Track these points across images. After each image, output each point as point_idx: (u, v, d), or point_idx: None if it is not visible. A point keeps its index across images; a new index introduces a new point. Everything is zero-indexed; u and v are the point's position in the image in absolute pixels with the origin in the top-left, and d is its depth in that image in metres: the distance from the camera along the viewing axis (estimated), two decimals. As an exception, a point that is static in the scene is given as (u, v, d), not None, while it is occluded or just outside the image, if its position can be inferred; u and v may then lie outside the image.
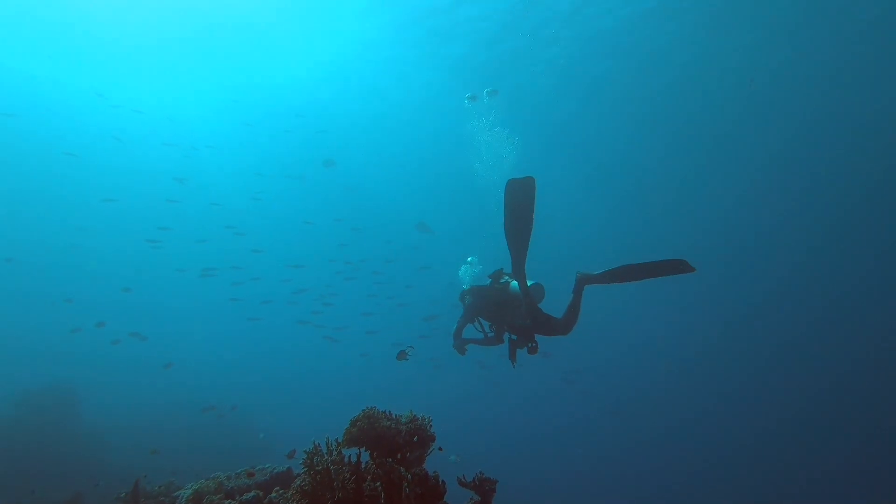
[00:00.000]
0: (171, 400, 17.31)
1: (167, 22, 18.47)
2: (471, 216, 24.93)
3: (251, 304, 22.73)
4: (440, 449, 3.76)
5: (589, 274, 5.19)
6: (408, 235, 28.67)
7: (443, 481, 3.57)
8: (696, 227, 27.28)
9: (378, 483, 3.31)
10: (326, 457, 3.39)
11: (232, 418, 15.52)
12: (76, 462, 10.80)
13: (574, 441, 31.54)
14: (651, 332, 34.66)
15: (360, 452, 3.63)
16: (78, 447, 11.62)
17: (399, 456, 3.59)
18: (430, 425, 3.83)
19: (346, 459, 3.60)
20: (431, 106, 20.70)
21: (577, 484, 24.71)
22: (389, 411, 3.71)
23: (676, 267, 4.81)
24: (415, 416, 3.77)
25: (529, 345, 5.70)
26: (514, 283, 5.68)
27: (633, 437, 30.45)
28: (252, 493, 3.86)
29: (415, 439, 3.82)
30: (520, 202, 5.02)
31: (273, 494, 3.95)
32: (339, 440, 3.61)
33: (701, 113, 19.45)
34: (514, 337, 5.85)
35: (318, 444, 3.45)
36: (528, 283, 5.47)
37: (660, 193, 25.25)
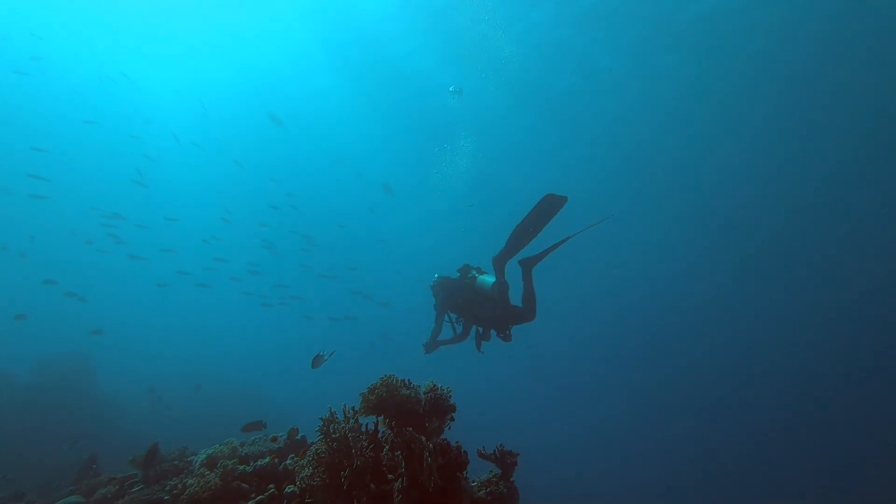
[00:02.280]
0: (181, 372, 17.46)
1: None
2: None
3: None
4: (451, 420, 3.63)
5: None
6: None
7: (464, 452, 3.44)
8: (693, 228, 26.83)
9: (398, 452, 3.19)
10: (343, 424, 3.27)
11: (245, 391, 15.78)
12: (92, 426, 10.99)
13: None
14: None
15: (377, 421, 3.51)
16: (94, 412, 11.84)
17: (419, 426, 3.45)
18: (450, 396, 3.69)
19: (364, 428, 3.50)
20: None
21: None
22: (408, 380, 3.57)
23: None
24: (435, 385, 3.63)
25: (502, 334, 6.00)
26: (481, 278, 5.96)
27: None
28: (267, 459, 3.77)
29: (444, 408, 3.69)
30: (545, 213, 5.52)
31: (288, 461, 3.86)
32: (356, 408, 3.49)
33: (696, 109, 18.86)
34: (480, 330, 6.19)
35: (335, 411, 3.34)
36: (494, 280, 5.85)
37: (658, 194, 24.71)
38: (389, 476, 3.36)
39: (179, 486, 3.42)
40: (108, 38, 21.40)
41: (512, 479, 3.91)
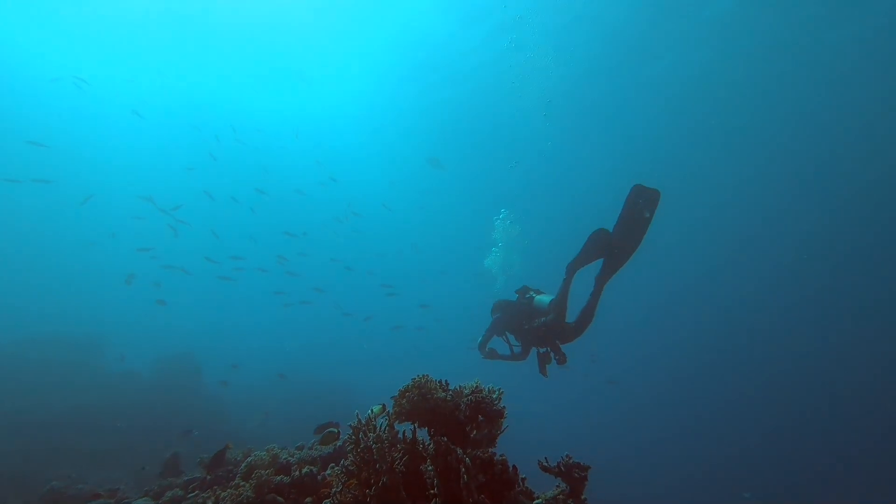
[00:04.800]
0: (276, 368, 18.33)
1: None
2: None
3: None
4: (501, 428, 3.07)
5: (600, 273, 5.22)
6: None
7: (513, 467, 2.87)
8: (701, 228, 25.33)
9: (430, 467, 2.71)
10: (371, 434, 2.85)
11: (330, 387, 16.50)
12: (199, 420, 11.89)
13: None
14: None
15: (414, 429, 3.06)
16: (200, 407, 12.84)
17: (459, 434, 2.93)
18: (500, 399, 3.12)
19: (401, 436, 3.07)
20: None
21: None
22: (445, 381, 3.06)
23: (641, 195, 4.82)
24: (479, 386, 3.09)
25: (557, 357, 5.73)
26: (538, 298, 5.90)
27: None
28: (306, 469, 3.47)
29: (490, 414, 3.16)
30: (640, 212, 4.97)
31: (328, 471, 3.54)
32: (390, 413, 3.07)
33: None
34: (541, 351, 5.91)
35: (361, 417, 2.93)
36: (551, 298, 5.70)
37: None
38: (431, 492, 2.91)
39: (212, 499, 3.22)
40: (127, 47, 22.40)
41: (583, 496, 3.26)
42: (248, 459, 3.62)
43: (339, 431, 3.95)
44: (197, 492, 4.18)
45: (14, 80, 23.48)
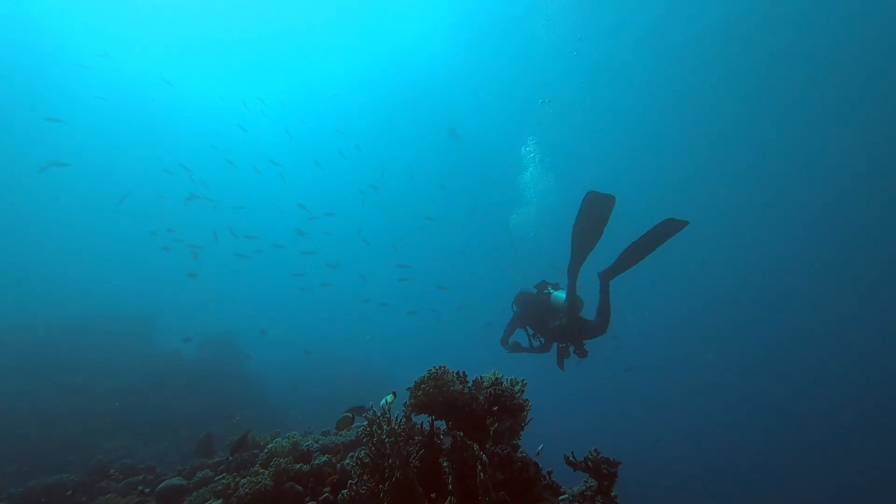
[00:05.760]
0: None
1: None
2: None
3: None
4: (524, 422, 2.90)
5: (606, 269, 5.30)
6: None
7: (535, 464, 2.70)
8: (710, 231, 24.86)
9: (445, 462, 2.58)
10: (385, 426, 2.74)
11: (365, 367, 16.76)
12: (238, 400, 12.30)
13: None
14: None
15: (431, 422, 2.93)
16: (239, 388, 13.28)
17: (477, 428, 2.78)
18: (522, 391, 2.94)
19: (419, 428, 2.95)
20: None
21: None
22: (463, 373, 2.90)
23: (671, 227, 4.88)
24: (498, 378, 2.92)
25: (577, 351, 5.85)
26: (556, 293, 6.01)
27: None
28: (325, 458, 3.42)
29: (510, 407, 3.00)
30: (595, 215, 5.23)
31: (347, 461, 3.48)
32: (406, 404, 2.96)
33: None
34: (561, 345, 6.03)
35: (376, 410, 2.82)
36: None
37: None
38: (450, 487, 2.79)
39: (232, 484, 3.21)
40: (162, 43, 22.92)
41: (613, 493, 3.07)
42: (269, 446, 3.60)
43: (353, 416, 3.87)
44: (224, 474, 4.23)
45: (40, 58, 23.57)
